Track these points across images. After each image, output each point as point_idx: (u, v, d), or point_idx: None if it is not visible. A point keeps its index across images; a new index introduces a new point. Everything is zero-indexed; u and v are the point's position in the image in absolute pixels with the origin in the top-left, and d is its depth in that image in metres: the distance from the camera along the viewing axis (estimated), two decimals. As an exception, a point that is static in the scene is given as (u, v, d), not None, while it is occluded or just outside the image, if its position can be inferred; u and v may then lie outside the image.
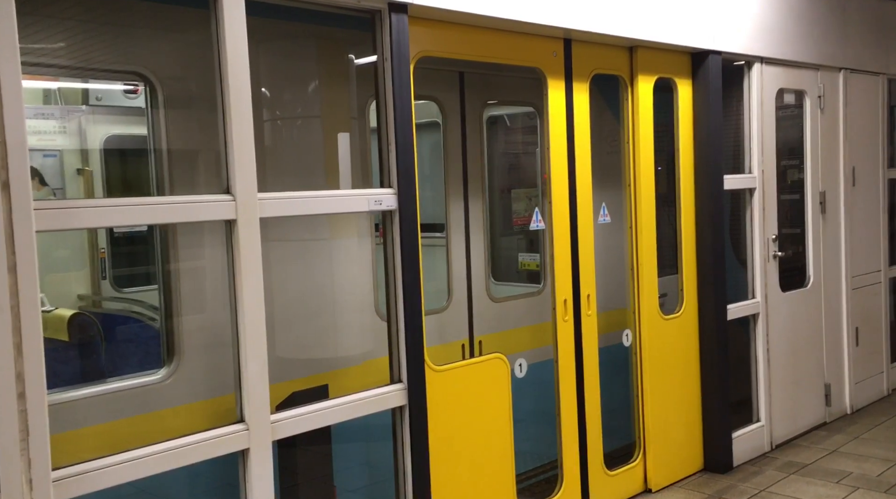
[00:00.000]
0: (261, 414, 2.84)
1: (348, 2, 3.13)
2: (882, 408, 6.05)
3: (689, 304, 4.82)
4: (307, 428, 3.05)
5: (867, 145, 6.13)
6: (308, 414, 3.04)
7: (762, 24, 5.07)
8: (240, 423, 2.82)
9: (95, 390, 3.24)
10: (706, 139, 4.75)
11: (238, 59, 2.75)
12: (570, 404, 4.17)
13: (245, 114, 2.78)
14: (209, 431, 2.73)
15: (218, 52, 2.75)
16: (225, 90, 2.75)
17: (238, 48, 2.75)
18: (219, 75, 2.76)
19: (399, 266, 3.32)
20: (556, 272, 4.10)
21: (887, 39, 6.29)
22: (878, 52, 6.18)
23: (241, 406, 2.83)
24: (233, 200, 2.78)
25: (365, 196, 3.27)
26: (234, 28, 2.74)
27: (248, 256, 2.79)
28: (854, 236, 5.97)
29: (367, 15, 3.27)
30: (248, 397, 2.81)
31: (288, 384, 3.39)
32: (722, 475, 4.82)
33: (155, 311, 3.90)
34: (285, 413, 2.97)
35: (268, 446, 2.86)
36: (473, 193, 5.08)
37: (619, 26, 4.14)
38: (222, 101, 2.76)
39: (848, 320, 5.92)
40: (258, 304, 2.81)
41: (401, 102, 3.26)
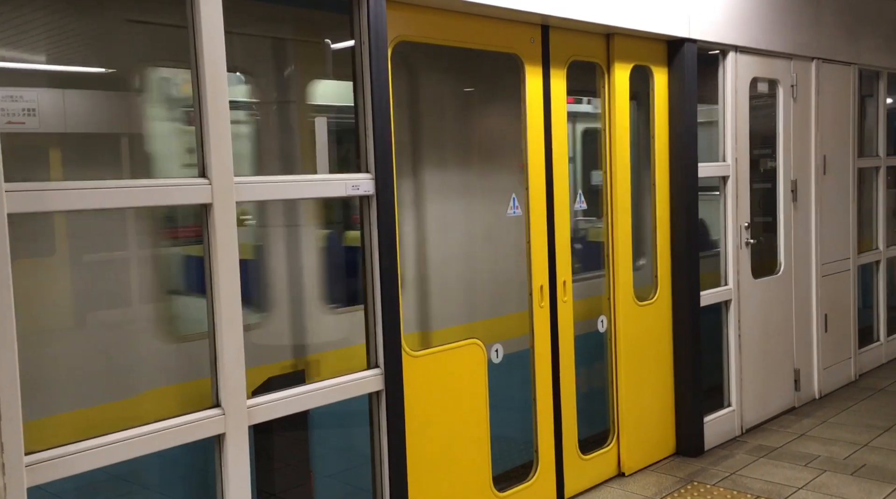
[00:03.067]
0: (237, 399, 2.83)
1: (325, -15, 3.10)
2: (849, 393, 6.18)
3: (662, 290, 4.87)
4: (284, 413, 3.04)
5: (838, 135, 6.22)
6: (285, 399, 3.04)
7: (737, 13, 5.11)
8: (216, 408, 2.81)
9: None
10: (681, 127, 4.79)
11: (213, 42, 2.72)
12: (545, 389, 4.20)
13: (221, 97, 2.75)
14: (184, 416, 2.72)
15: (193, 34, 2.72)
16: (200, 73, 2.72)
17: (213, 31, 2.72)
18: (193, 58, 2.73)
19: (376, 251, 3.32)
20: (532, 258, 4.12)
21: (858, 30, 6.37)
22: (849, 43, 6.26)
23: (217, 391, 2.82)
24: (209, 184, 2.75)
25: (342, 181, 3.26)
26: (209, 8, 2.71)
27: (224, 240, 2.77)
28: (824, 224, 6.06)
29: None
30: (224, 382, 2.80)
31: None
32: (693, 459, 4.90)
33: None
34: (262, 398, 2.96)
35: (244, 431, 2.85)
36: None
37: (596, 13, 4.15)
38: (197, 84, 2.73)
39: (817, 307, 6.02)
40: (234, 288, 2.79)
41: (378, 87, 3.25)
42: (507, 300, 4.49)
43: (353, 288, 3.77)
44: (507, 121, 4.35)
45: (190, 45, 2.74)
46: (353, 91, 3.33)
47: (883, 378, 6.54)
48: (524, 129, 4.08)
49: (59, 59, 3.17)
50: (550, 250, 4.20)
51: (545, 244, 4.18)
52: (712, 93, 5.22)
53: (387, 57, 3.30)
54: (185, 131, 3.28)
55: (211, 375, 2.84)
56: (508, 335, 4.20)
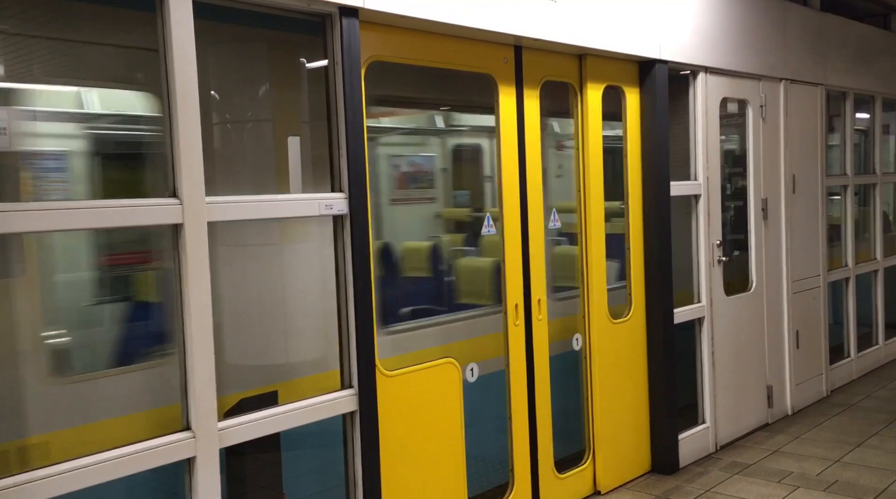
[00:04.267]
0: (208, 422, 2.79)
1: (298, 5, 3.11)
2: (821, 409, 6.24)
3: (637, 308, 4.90)
4: (256, 435, 3.01)
5: (806, 154, 6.33)
6: (257, 421, 3.01)
7: (706, 34, 5.20)
8: (186, 431, 2.77)
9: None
10: (653, 146, 4.85)
11: (185, 61, 2.71)
12: (521, 408, 4.20)
13: (192, 115, 2.74)
14: (153, 439, 2.67)
15: (164, 53, 2.71)
16: (171, 92, 2.70)
17: (185, 49, 2.71)
18: (165, 77, 2.71)
19: (350, 271, 3.31)
20: (508, 277, 4.13)
21: (825, 52, 6.51)
22: (816, 64, 6.39)
23: (188, 414, 2.78)
24: (179, 204, 2.73)
25: (315, 200, 3.25)
26: (180, 29, 2.70)
27: (195, 261, 2.75)
28: (794, 242, 6.15)
29: (318, 19, 3.26)
30: (195, 405, 2.77)
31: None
32: (668, 476, 4.91)
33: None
34: (233, 420, 2.92)
35: (215, 454, 2.81)
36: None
37: (568, 34, 4.20)
38: (168, 103, 2.71)
39: (789, 324, 6.09)
40: (205, 310, 2.77)
41: (352, 107, 3.26)
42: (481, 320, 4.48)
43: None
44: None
45: (161, 65, 2.72)
46: (327, 111, 3.33)
47: (854, 394, 6.62)
48: (498, 148, 4.10)
49: (27, 78, 3.14)
50: (525, 268, 4.21)
51: (520, 262, 4.20)
52: (684, 112, 5.29)
53: (360, 77, 3.30)
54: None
55: (181, 397, 2.81)
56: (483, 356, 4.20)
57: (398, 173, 5.60)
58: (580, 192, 4.60)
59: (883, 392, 6.64)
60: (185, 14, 2.71)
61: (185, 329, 2.76)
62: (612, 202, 4.77)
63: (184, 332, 2.76)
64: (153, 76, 2.78)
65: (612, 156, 4.82)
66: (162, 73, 2.72)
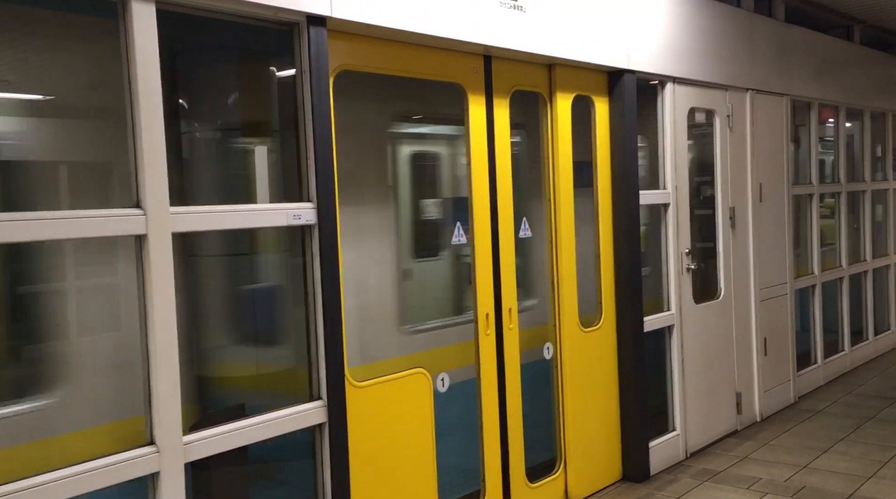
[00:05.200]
0: (172, 436, 2.74)
1: (265, 14, 3.08)
2: (789, 415, 6.31)
3: (607, 316, 4.92)
4: (222, 449, 2.96)
5: (773, 163, 6.42)
6: (223, 434, 2.96)
7: (674, 45, 5.26)
8: (150, 445, 2.72)
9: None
10: (622, 156, 4.88)
11: (148, 69, 2.67)
12: (492, 417, 4.18)
13: (156, 124, 2.70)
14: (116, 454, 2.62)
15: (127, 62, 2.67)
16: (134, 100, 2.66)
17: (148, 58, 2.68)
18: (128, 85, 2.67)
19: (318, 281, 3.28)
20: (478, 286, 4.13)
21: (790, 62, 6.62)
22: (781, 75, 6.49)
23: (152, 428, 2.73)
24: (143, 215, 2.69)
25: (283, 210, 3.22)
26: (143, 38, 2.66)
27: (159, 273, 2.70)
28: (761, 250, 6.22)
29: (286, 28, 3.24)
30: (159, 419, 2.71)
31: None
32: (639, 484, 4.93)
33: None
34: (199, 434, 2.88)
35: (180, 469, 2.76)
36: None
37: (537, 44, 4.22)
38: (131, 112, 2.67)
39: (757, 331, 6.16)
40: (170, 323, 2.72)
41: (320, 116, 3.23)
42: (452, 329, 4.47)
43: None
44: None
45: (124, 73, 2.68)
46: (295, 120, 3.30)
47: (820, 400, 6.71)
48: (468, 157, 4.10)
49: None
50: (496, 278, 4.21)
51: (490, 272, 4.19)
52: (653, 122, 5.34)
53: (328, 86, 3.29)
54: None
55: (145, 411, 2.75)
56: (454, 365, 4.18)
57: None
58: (550, 202, 4.61)
59: (849, 398, 6.73)
60: (148, 22, 2.67)
61: (148, 341, 2.71)
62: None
63: (147, 344, 2.71)
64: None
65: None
66: (125, 82, 2.68)
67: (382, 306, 4.16)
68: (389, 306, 4.18)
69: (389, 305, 4.19)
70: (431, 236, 4.84)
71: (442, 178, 5.09)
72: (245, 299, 3.94)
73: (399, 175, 4.73)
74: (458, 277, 4.84)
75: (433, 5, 3.64)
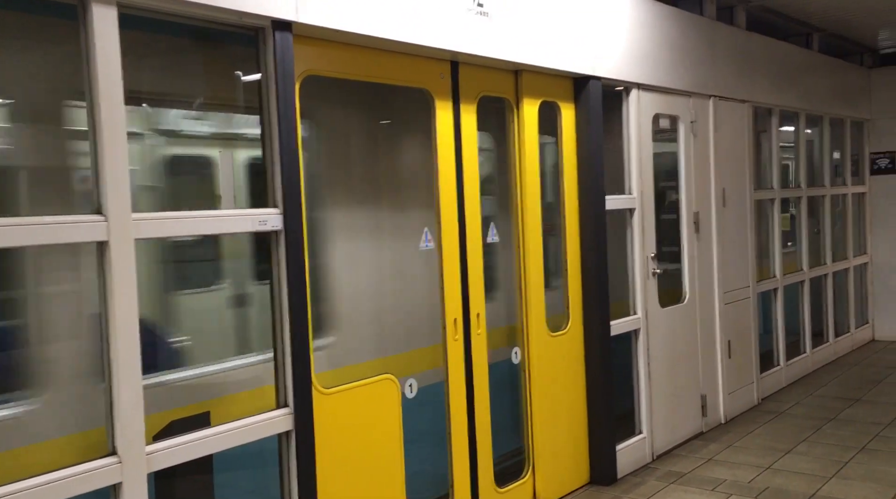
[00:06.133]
0: (135, 446, 2.69)
1: (230, 18, 3.06)
2: (753, 417, 6.41)
3: (574, 321, 4.95)
4: (186, 458, 2.92)
5: (736, 168, 6.52)
6: (187, 443, 2.92)
7: (639, 52, 5.32)
8: (112, 456, 2.67)
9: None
10: (588, 161, 4.92)
11: (110, 73, 2.63)
12: (460, 422, 4.18)
13: (118, 129, 2.66)
14: (76, 466, 2.57)
15: (87, 65, 2.63)
16: (95, 104, 2.62)
17: (110, 61, 2.64)
18: (88, 89, 2.63)
19: (285, 288, 3.25)
20: (446, 291, 4.13)
21: (752, 70, 6.74)
22: (744, 82, 6.61)
23: (114, 438, 2.68)
24: (104, 221, 2.64)
25: (249, 216, 3.19)
26: (105, 41, 2.62)
27: (121, 279, 2.66)
28: (725, 254, 6.32)
29: (251, 32, 3.21)
30: (121, 428, 2.67)
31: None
32: (607, 487, 4.96)
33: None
34: (162, 444, 2.83)
35: (142, 480, 2.72)
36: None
37: (503, 51, 4.24)
38: (92, 116, 2.63)
39: (721, 334, 6.25)
40: (132, 330, 2.68)
41: (285, 121, 3.21)
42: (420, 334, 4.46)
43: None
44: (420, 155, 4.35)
45: (84, 76, 2.64)
46: (261, 125, 3.28)
47: (783, 401, 6.82)
48: (435, 162, 4.10)
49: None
50: (464, 283, 4.22)
51: (458, 277, 4.20)
52: (619, 128, 5.39)
53: (294, 91, 3.27)
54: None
55: (106, 421, 2.70)
56: (423, 369, 4.17)
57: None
58: (517, 207, 4.63)
59: (810, 400, 6.86)
60: (109, 25, 2.63)
61: (110, 350, 2.66)
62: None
63: (109, 352, 2.67)
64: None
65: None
66: (86, 86, 2.63)
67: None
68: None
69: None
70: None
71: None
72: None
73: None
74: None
75: (400, 11, 3.64)
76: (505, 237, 4.65)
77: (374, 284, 4.23)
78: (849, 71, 8.69)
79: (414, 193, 4.34)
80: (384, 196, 4.37)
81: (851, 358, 8.39)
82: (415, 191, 4.32)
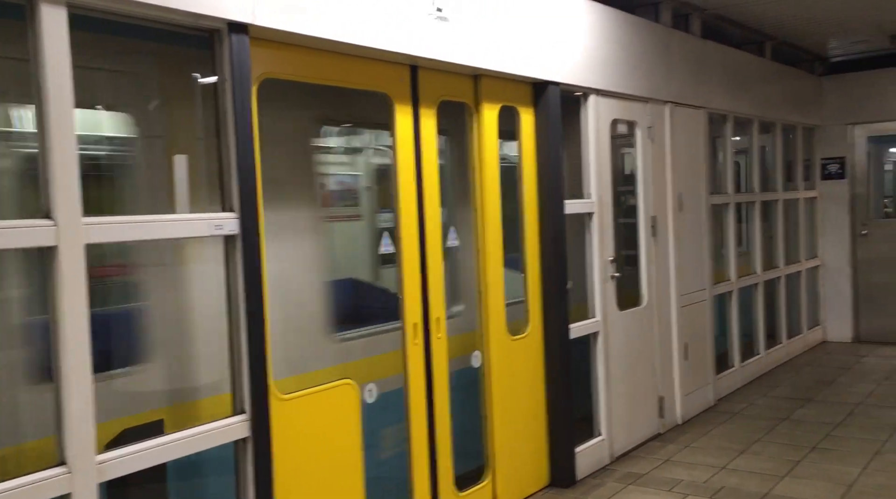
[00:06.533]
0: (85, 455, 2.63)
1: (185, 20, 3.01)
2: (709, 417, 6.52)
3: (534, 324, 4.98)
4: (140, 467, 2.86)
5: (692, 174, 6.63)
6: (141, 452, 2.86)
7: (597, 58, 5.38)
8: (60, 466, 2.60)
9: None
10: (547, 166, 4.96)
11: (60, 74, 2.58)
12: (420, 427, 4.17)
13: (68, 131, 2.60)
14: (23, 477, 2.50)
15: (36, 66, 2.56)
16: (44, 106, 2.56)
17: (59, 62, 2.58)
18: (37, 90, 2.57)
19: (242, 293, 3.21)
20: (406, 296, 4.12)
21: (707, 76, 6.86)
22: (699, 88, 6.73)
23: (63, 448, 2.61)
24: (53, 225, 2.58)
25: (205, 220, 3.15)
26: (54, 41, 2.56)
27: (71, 286, 2.60)
28: (682, 258, 6.42)
29: (207, 34, 3.17)
30: (71, 438, 2.61)
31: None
32: (567, 489, 5.00)
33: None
34: (114, 453, 2.78)
35: (93, 490, 2.66)
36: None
37: (463, 55, 4.25)
38: (40, 118, 2.57)
39: (678, 336, 6.34)
40: (82, 338, 2.62)
41: (242, 124, 3.18)
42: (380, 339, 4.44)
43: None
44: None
45: (33, 78, 2.58)
46: (217, 128, 3.23)
47: (738, 402, 6.95)
48: (395, 166, 4.10)
49: None
50: (423, 288, 4.21)
51: (418, 281, 4.19)
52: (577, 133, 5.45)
53: (251, 94, 3.23)
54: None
55: (55, 430, 2.64)
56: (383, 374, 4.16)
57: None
58: (477, 211, 4.65)
59: (764, 400, 7.00)
60: (59, 26, 2.58)
61: (60, 358, 2.60)
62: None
63: (59, 361, 2.60)
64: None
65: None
66: (34, 88, 2.57)
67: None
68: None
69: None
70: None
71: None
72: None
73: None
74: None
75: (358, 15, 3.63)
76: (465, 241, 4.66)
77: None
78: (800, 78, 8.91)
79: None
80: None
81: (804, 359, 8.58)
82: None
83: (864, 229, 9.24)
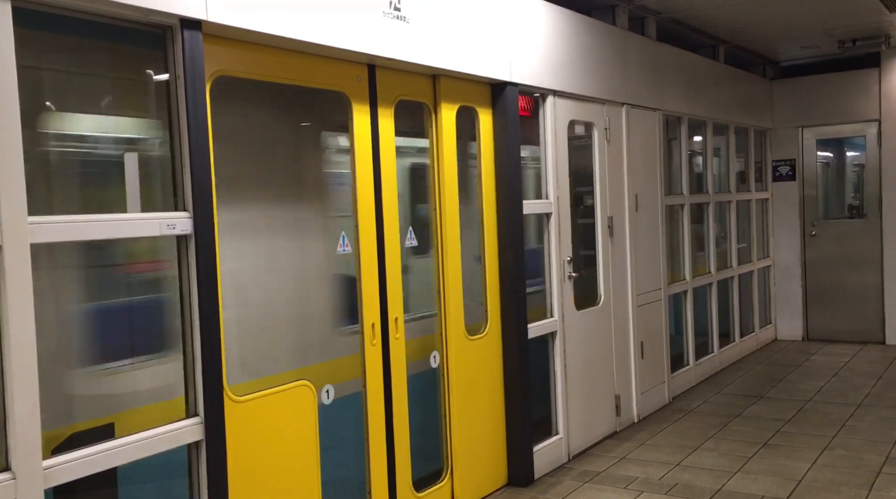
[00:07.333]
0: (31, 461, 2.56)
1: (135, 16, 2.95)
2: (664, 415, 6.61)
3: (492, 324, 5.00)
4: (88, 472, 2.80)
5: (647, 174, 6.72)
6: (89, 457, 2.79)
7: (554, 59, 5.42)
8: (5, 471, 2.53)
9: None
10: (505, 166, 4.98)
11: (4, 70, 2.50)
12: (378, 428, 4.16)
13: (13, 129, 2.53)
14: (-35, 484, 2.42)
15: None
16: (-12, 103, 2.48)
17: (4, 58, 2.50)
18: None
19: (195, 293, 3.16)
20: (364, 296, 4.10)
21: (663, 79, 6.96)
22: (655, 90, 6.82)
23: (7, 453, 2.54)
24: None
25: (156, 220, 3.09)
26: (-2, 35, 2.49)
27: (16, 286, 2.53)
28: (638, 258, 6.50)
29: (158, 30, 3.11)
30: (16, 443, 2.53)
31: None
32: (524, 488, 5.03)
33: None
34: (61, 458, 2.71)
35: (39, 496, 2.58)
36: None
37: (420, 55, 4.24)
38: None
39: (634, 335, 6.42)
40: (29, 340, 2.55)
41: (195, 122, 3.13)
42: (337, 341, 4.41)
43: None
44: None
45: (-24, 73, 2.50)
46: (169, 127, 3.18)
47: (693, 400, 7.07)
48: (353, 166, 4.07)
49: None
50: (382, 288, 4.19)
51: (376, 281, 4.17)
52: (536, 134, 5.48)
53: (205, 92, 3.18)
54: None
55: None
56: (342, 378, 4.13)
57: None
58: (436, 211, 4.65)
59: (718, 398, 7.13)
60: (2, 21, 2.50)
61: (4, 360, 2.53)
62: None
63: (3, 363, 2.53)
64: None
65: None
66: (-24, 82, 2.49)
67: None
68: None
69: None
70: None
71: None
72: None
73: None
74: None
75: (314, 13, 3.60)
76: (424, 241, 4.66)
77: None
78: (752, 82, 9.10)
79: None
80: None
81: (756, 357, 8.77)
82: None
83: (814, 230, 9.48)
